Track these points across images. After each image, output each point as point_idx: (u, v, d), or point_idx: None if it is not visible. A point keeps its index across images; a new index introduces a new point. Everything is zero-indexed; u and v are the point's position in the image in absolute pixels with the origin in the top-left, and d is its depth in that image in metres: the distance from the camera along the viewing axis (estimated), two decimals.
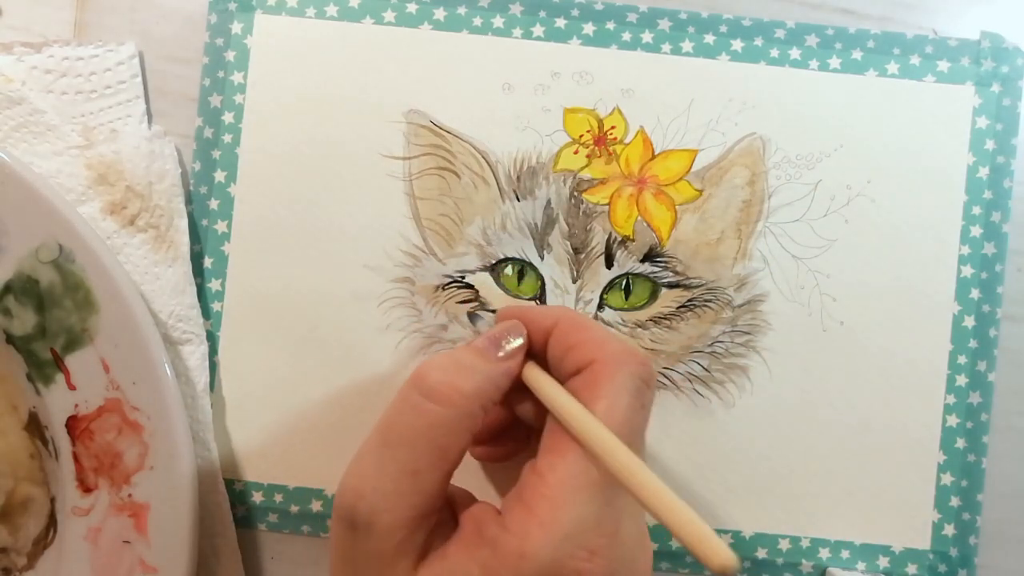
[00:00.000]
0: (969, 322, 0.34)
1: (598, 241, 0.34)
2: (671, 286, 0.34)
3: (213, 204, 0.34)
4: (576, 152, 0.35)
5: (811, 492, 0.34)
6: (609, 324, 0.34)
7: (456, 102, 0.35)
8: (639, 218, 0.34)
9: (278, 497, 0.34)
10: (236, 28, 0.35)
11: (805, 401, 0.34)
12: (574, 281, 0.34)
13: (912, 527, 0.34)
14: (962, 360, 0.34)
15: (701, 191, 0.35)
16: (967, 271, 0.34)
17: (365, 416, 0.34)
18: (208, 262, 0.34)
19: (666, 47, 0.35)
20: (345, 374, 0.34)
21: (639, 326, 0.34)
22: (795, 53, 0.35)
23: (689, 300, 0.34)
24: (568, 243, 0.34)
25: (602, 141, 0.35)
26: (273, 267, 0.34)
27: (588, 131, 0.35)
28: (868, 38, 0.35)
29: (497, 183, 0.34)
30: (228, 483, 0.34)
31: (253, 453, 0.34)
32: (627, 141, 0.35)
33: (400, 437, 0.24)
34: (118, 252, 0.33)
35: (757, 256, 0.34)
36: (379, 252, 0.34)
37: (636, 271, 0.34)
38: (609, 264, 0.34)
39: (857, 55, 0.35)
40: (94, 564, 0.31)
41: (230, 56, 0.35)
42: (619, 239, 0.34)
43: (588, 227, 0.34)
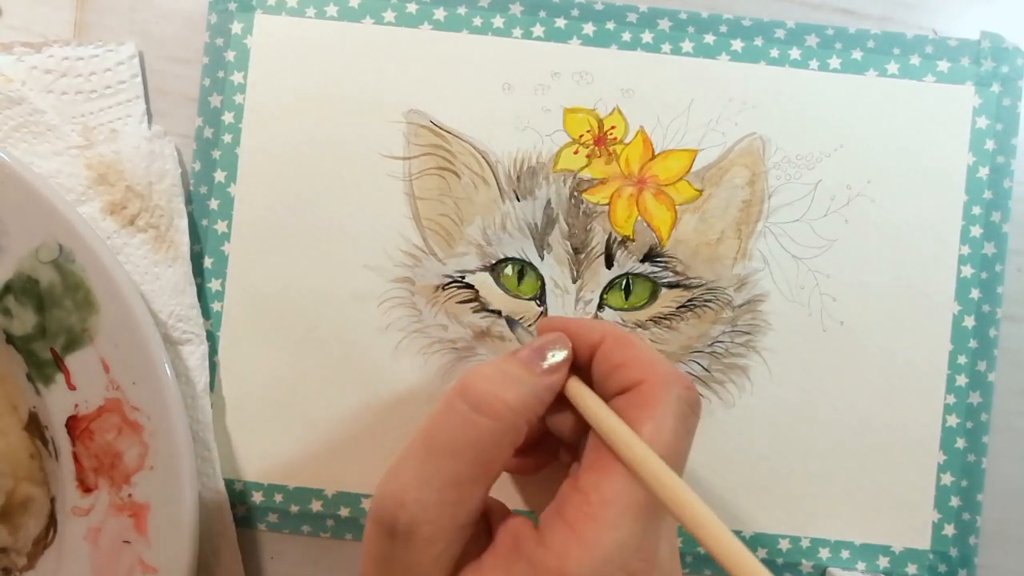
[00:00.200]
0: (969, 322, 0.34)
1: (598, 241, 0.34)
2: (671, 286, 0.34)
3: (213, 204, 0.34)
4: (576, 152, 0.35)
5: (811, 492, 0.34)
6: None
7: (456, 102, 0.35)
8: (639, 218, 0.34)
9: (278, 497, 0.34)
10: (236, 28, 0.35)
11: (805, 401, 0.34)
12: (574, 281, 0.34)
13: (912, 527, 0.34)
14: (962, 360, 0.34)
15: (701, 191, 0.35)
16: (967, 271, 0.34)
17: (365, 416, 0.34)
18: (208, 262, 0.34)
19: (666, 47, 0.35)
20: (345, 374, 0.34)
21: (639, 326, 0.34)
22: (795, 53, 0.35)
23: (689, 300, 0.34)
24: (568, 243, 0.34)
25: (602, 141, 0.35)
26: (273, 267, 0.34)
27: (588, 131, 0.35)
28: (868, 38, 0.35)
29: (497, 183, 0.34)
30: (228, 483, 0.34)
31: (253, 453, 0.34)
32: (627, 141, 0.35)
33: (445, 448, 0.24)
34: (118, 252, 0.33)
35: (757, 256, 0.34)
36: (379, 252, 0.34)
37: (636, 271, 0.34)
38: (609, 264, 0.34)
39: (857, 55, 0.35)
40: (94, 564, 0.31)
41: (230, 56, 0.35)
42: (619, 239, 0.34)
43: (588, 227, 0.34)
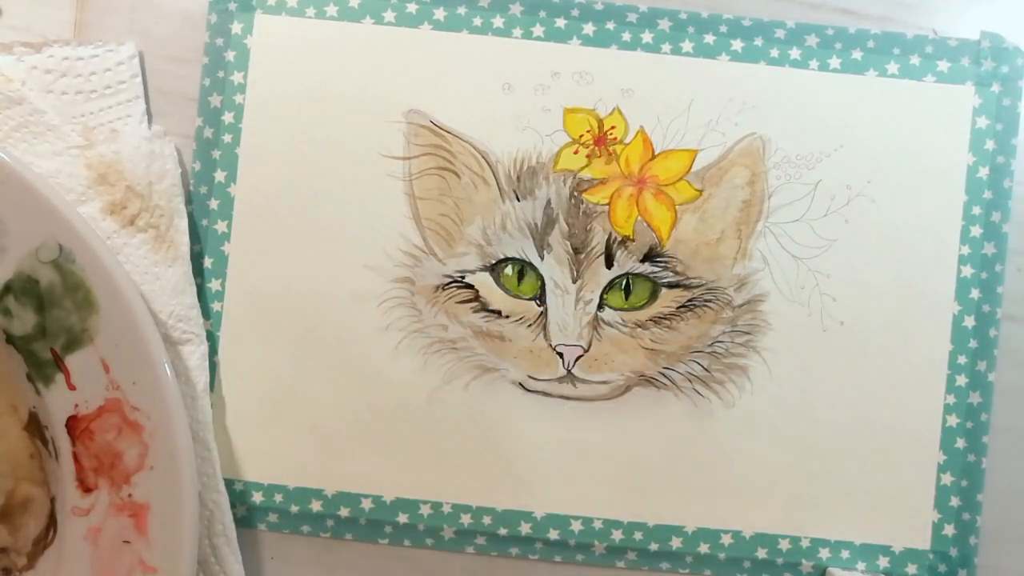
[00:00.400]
0: (969, 322, 0.34)
1: (598, 241, 0.34)
2: (671, 286, 0.34)
3: (213, 204, 0.34)
4: (576, 152, 0.35)
5: (811, 492, 0.34)
6: (609, 324, 0.34)
7: (456, 102, 0.35)
8: (639, 218, 0.34)
9: (278, 497, 0.34)
10: (236, 28, 0.35)
11: (805, 401, 0.34)
12: (574, 281, 0.34)
13: (912, 527, 0.34)
14: (962, 360, 0.34)
15: (701, 191, 0.35)
16: (967, 271, 0.34)
17: (365, 416, 0.34)
18: (208, 262, 0.34)
19: (666, 47, 0.35)
20: (345, 374, 0.34)
21: (639, 326, 0.34)
22: (795, 53, 0.35)
23: (689, 300, 0.34)
24: (568, 243, 0.34)
25: (602, 141, 0.35)
26: (273, 267, 0.34)
27: (588, 131, 0.35)
28: (868, 38, 0.35)
29: (497, 183, 0.34)
30: (228, 483, 0.34)
31: (253, 453, 0.34)
32: (627, 141, 0.35)
33: None
34: (118, 252, 0.33)
35: (757, 256, 0.34)
36: (379, 252, 0.34)
37: (636, 271, 0.34)
38: (609, 264, 0.34)
39: (857, 55, 0.35)
40: (94, 564, 0.31)
41: (230, 56, 0.35)
42: (619, 239, 0.34)
43: (588, 227, 0.34)
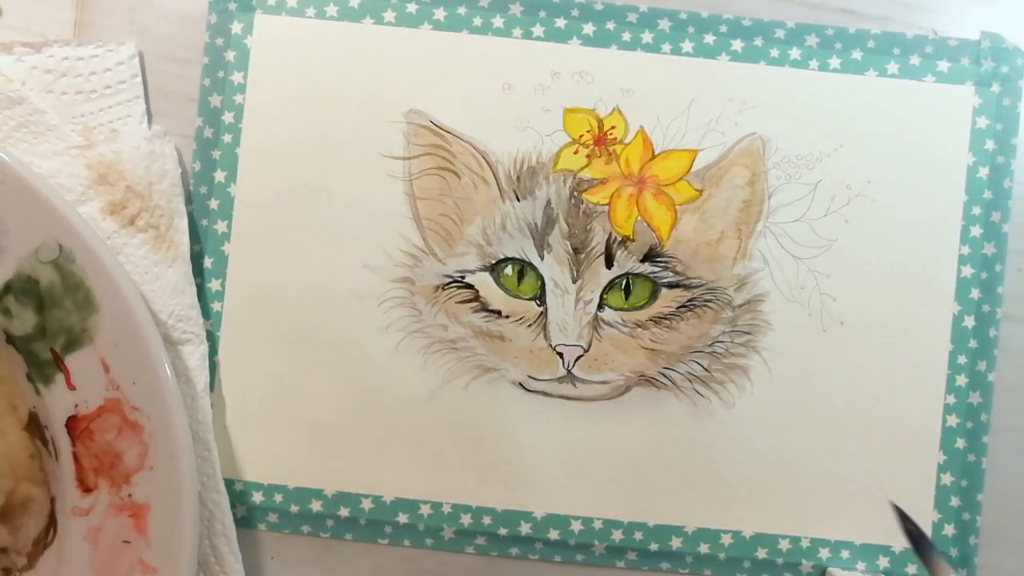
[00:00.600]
0: (969, 322, 0.34)
1: (598, 241, 0.34)
2: (671, 286, 0.34)
3: (213, 204, 0.34)
4: (576, 152, 0.35)
5: (811, 492, 0.34)
6: (609, 324, 0.34)
7: (456, 102, 0.35)
8: (639, 218, 0.34)
9: (278, 497, 0.34)
10: (236, 28, 0.35)
11: (805, 401, 0.34)
12: (574, 281, 0.34)
13: None
14: (962, 360, 0.34)
15: (701, 191, 0.35)
16: (967, 271, 0.34)
17: (365, 416, 0.34)
18: (208, 262, 0.34)
19: (666, 47, 0.35)
20: (345, 374, 0.34)
21: (639, 326, 0.34)
22: (795, 53, 0.35)
23: (689, 300, 0.34)
24: (568, 243, 0.34)
25: (602, 141, 0.35)
26: (273, 267, 0.34)
27: (588, 131, 0.35)
28: (868, 38, 0.35)
29: (497, 183, 0.34)
30: (228, 483, 0.34)
31: (253, 453, 0.34)
32: (627, 141, 0.35)
33: None
34: (118, 252, 0.33)
35: (757, 256, 0.34)
36: (379, 252, 0.34)
37: (636, 271, 0.34)
38: (609, 264, 0.34)
39: (857, 55, 0.35)
40: (94, 564, 0.31)
41: (230, 56, 0.35)
42: (619, 239, 0.34)
43: (588, 227, 0.34)
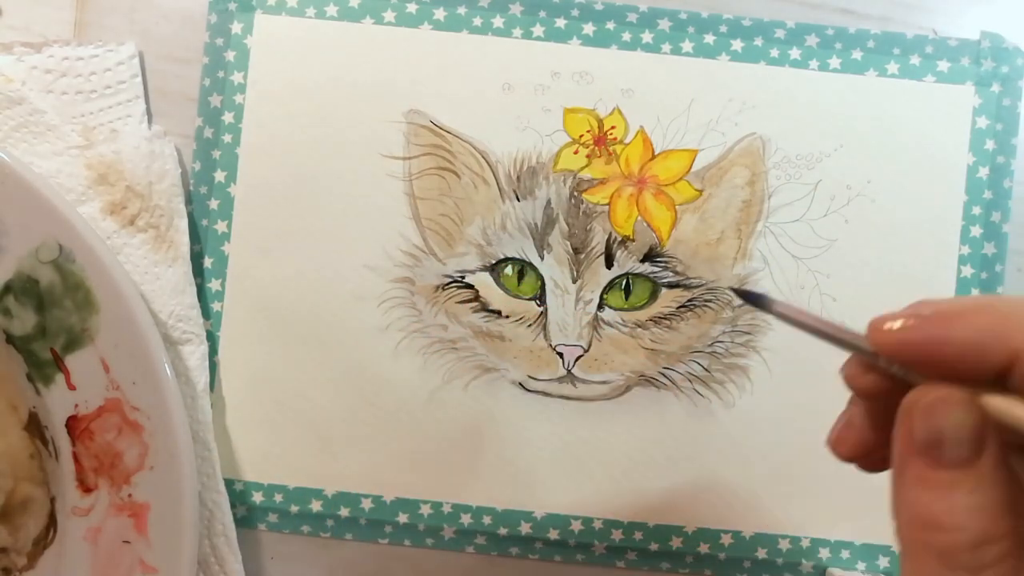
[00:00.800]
0: None
1: (598, 241, 0.34)
2: (671, 286, 0.34)
3: (213, 204, 0.34)
4: (576, 152, 0.35)
5: (811, 492, 0.34)
6: (609, 324, 0.34)
7: (456, 102, 0.35)
8: (639, 218, 0.34)
9: (278, 497, 0.34)
10: (236, 28, 0.35)
11: (805, 401, 0.34)
12: (574, 281, 0.34)
13: None
14: None
15: (701, 191, 0.35)
16: (967, 271, 0.34)
17: (365, 416, 0.34)
18: (208, 262, 0.34)
19: (666, 47, 0.35)
20: (345, 374, 0.34)
21: (639, 326, 0.34)
22: (795, 53, 0.35)
23: (689, 300, 0.34)
24: (568, 243, 0.34)
25: (602, 141, 0.35)
26: (273, 267, 0.34)
27: (588, 131, 0.35)
28: (868, 38, 0.35)
29: (497, 183, 0.34)
30: (228, 483, 0.34)
31: (253, 453, 0.34)
32: (627, 141, 0.35)
33: None
34: (118, 252, 0.33)
35: (757, 256, 0.34)
36: (379, 252, 0.34)
37: (636, 271, 0.34)
38: (609, 264, 0.34)
39: (857, 55, 0.35)
40: (94, 564, 0.31)
41: (230, 56, 0.35)
42: (619, 239, 0.34)
43: (588, 227, 0.34)
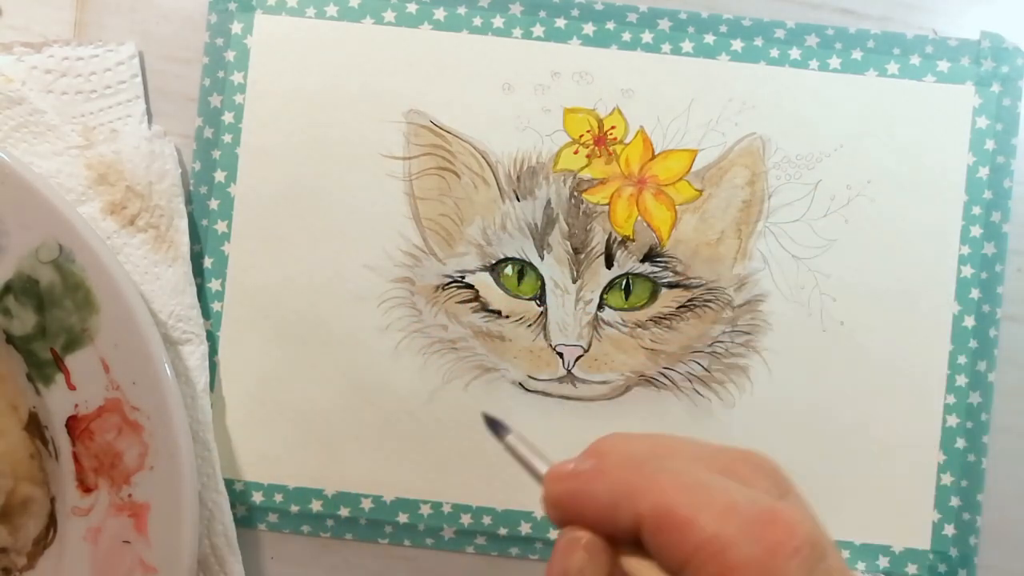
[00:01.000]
0: (969, 322, 0.34)
1: (598, 241, 0.34)
2: (671, 286, 0.34)
3: (213, 204, 0.34)
4: (576, 152, 0.35)
5: (811, 492, 0.34)
6: (609, 324, 0.34)
7: (456, 102, 0.35)
8: (639, 218, 0.34)
9: (278, 497, 0.34)
10: (236, 28, 0.35)
11: (805, 401, 0.34)
12: (574, 281, 0.34)
13: (912, 527, 0.34)
14: (962, 360, 0.34)
15: (701, 191, 0.35)
16: (967, 271, 0.34)
17: (365, 416, 0.34)
18: (208, 262, 0.34)
19: (666, 47, 0.35)
20: (345, 374, 0.34)
21: (639, 326, 0.34)
22: (795, 53, 0.35)
23: (689, 300, 0.34)
24: (568, 243, 0.34)
25: (602, 141, 0.35)
26: (273, 267, 0.34)
27: (588, 131, 0.35)
28: (868, 38, 0.35)
29: (497, 183, 0.34)
30: (228, 483, 0.34)
31: (253, 453, 0.34)
32: (627, 141, 0.35)
33: None
34: (118, 252, 0.33)
35: (757, 256, 0.34)
36: (379, 252, 0.34)
37: (636, 271, 0.34)
38: (609, 264, 0.34)
39: (857, 55, 0.35)
40: (94, 564, 0.31)
41: (230, 56, 0.35)
42: (619, 239, 0.34)
43: (588, 227, 0.34)
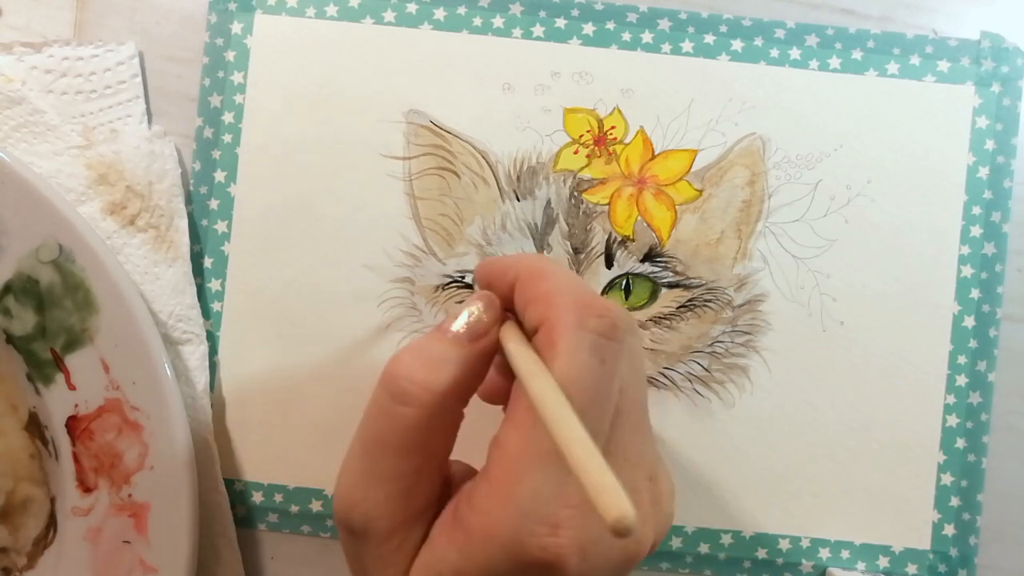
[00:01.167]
0: (969, 322, 0.34)
1: (598, 241, 0.34)
2: (671, 286, 0.34)
3: (213, 204, 0.34)
4: (576, 152, 0.35)
5: (811, 492, 0.34)
6: None
7: (456, 102, 0.35)
8: (639, 218, 0.34)
9: (278, 497, 0.34)
10: (236, 28, 0.35)
11: (805, 401, 0.34)
12: None
13: (912, 527, 0.34)
14: (962, 360, 0.34)
15: (701, 191, 0.35)
16: (967, 271, 0.34)
17: None
18: (208, 262, 0.34)
19: (666, 47, 0.35)
20: (345, 375, 0.34)
21: (639, 326, 0.34)
22: (795, 53, 0.35)
23: (689, 300, 0.34)
24: (568, 243, 0.34)
25: (602, 141, 0.35)
26: (273, 267, 0.34)
27: (588, 131, 0.35)
28: (868, 38, 0.35)
29: (497, 183, 0.34)
30: (228, 483, 0.34)
31: (253, 453, 0.34)
32: (627, 141, 0.35)
33: (377, 444, 0.24)
34: (118, 252, 0.33)
35: (757, 256, 0.34)
36: (379, 252, 0.34)
37: (636, 271, 0.34)
38: (609, 264, 0.34)
39: (857, 55, 0.35)
40: (94, 564, 0.31)
41: (230, 56, 0.35)
42: (619, 239, 0.34)
43: (588, 227, 0.34)
